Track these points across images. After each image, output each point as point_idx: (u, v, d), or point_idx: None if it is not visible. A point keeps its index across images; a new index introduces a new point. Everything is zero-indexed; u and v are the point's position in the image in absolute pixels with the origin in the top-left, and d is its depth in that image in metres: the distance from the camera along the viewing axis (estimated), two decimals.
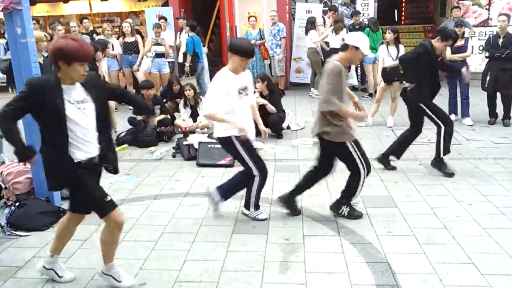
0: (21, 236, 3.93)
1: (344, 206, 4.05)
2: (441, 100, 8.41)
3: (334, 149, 3.93)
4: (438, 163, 5.09)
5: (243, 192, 4.67)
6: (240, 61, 3.74)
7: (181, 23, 9.72)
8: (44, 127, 2.80)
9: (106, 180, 5.28)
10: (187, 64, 8.76)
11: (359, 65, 9.89)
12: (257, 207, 4.13)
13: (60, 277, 3.20)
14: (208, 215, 4.23)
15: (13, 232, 3.97)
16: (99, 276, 3.15)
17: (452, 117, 7.07)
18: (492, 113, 7.25)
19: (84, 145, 2.82)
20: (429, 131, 6.75)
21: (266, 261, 3.39)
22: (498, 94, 7.14)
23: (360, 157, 3.89)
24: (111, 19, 12.81)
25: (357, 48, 3.79)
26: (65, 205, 4.50)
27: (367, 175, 3.95)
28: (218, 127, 3.93)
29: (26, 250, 3.69)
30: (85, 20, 9.67)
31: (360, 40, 3.84)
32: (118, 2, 12.91)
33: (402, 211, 4.14)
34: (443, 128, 4.95)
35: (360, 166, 3.88)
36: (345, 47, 3.88)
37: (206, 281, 3.16)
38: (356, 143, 3.90)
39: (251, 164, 3.92)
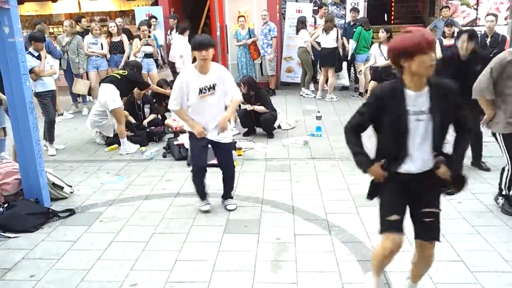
0: (10, 237, 3.89)
1: (500, 197, 4.10)
2: None
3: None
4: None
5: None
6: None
7: (171, 22, 9.70)
8: (382, 139, 2.56)
9: (96, 180, 5.27)
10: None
11: (351, 65, 9.96)
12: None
13: None
14: (199, 215, 4.22)
15: (2, 233, 3.92)
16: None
17: None
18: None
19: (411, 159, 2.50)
20: None
21: (258, 261, 3.39)
22: None
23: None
24: (101, 18, 12.73)
25: None
26: (54, 206, 4.49)
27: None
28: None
29: (15, 252, 3.65)
30: (83, 20, 9.69)
31: None
32: (107, 1, 12.81)
33: None
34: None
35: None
36: None
37: (198, 281, 3.16)
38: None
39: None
